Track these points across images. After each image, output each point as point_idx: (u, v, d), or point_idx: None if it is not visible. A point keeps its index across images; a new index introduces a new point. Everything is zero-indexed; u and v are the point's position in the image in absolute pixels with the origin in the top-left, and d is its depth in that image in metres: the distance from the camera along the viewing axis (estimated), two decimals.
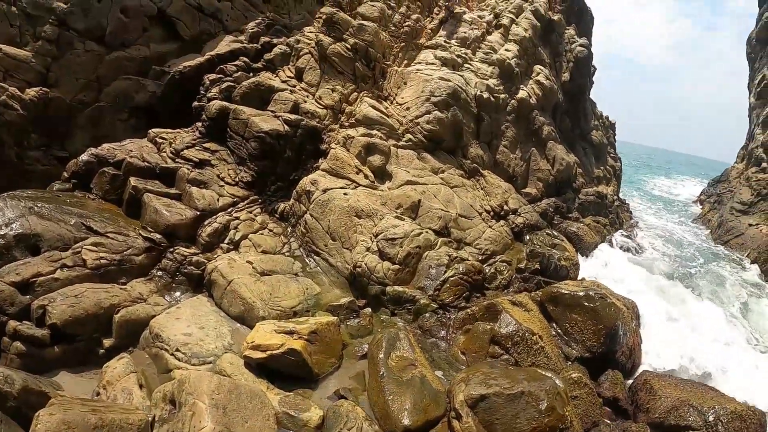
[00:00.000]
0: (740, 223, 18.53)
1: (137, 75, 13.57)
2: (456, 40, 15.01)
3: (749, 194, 19.49)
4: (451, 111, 12.55)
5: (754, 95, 24.50)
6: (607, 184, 19.23)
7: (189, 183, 10.49)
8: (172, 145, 11.44)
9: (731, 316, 11.34)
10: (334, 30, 13.11)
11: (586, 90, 19.78)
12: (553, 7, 18.58)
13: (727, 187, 24.44)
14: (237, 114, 11.46)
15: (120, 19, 13.34)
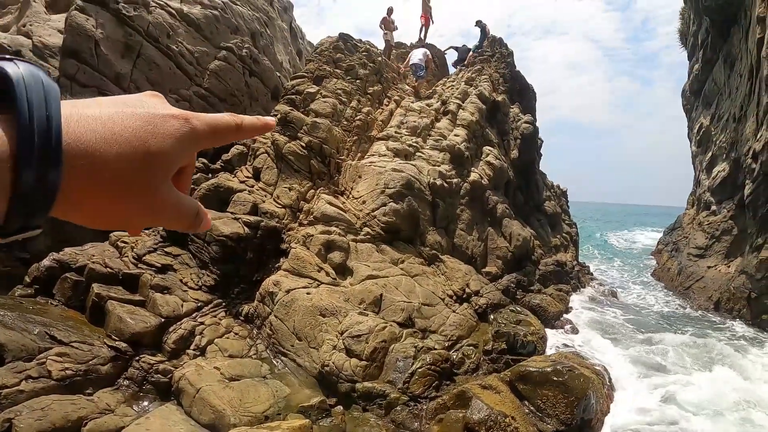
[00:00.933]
0: (699, 267, 18.98)
1: None
2: (406, 130, 15.54)
3: (704, 238, 20.04)
4: (407, 201, 12.89)
5: (695, 143, 25.54)
6: (565, 251, 19.66)
7: (152, 289, 10.48)
8: (134, 249, 11.47)
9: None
10: (289, 129, 13.49)
11: (535, 163, 20.46)
12: (497, 88, 19.41)
13: (682, 234, 25.02)
14: None
15: None
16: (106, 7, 14.72)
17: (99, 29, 14.32)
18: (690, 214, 25.33)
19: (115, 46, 14.70)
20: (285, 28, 26.28)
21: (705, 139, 23.31)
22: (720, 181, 19.99)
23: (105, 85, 14.20)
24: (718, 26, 19.88)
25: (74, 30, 13.90)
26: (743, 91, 16.74)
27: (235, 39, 18.42)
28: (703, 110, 23.94)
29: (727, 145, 19.45)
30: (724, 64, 19.81)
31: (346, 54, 16.87)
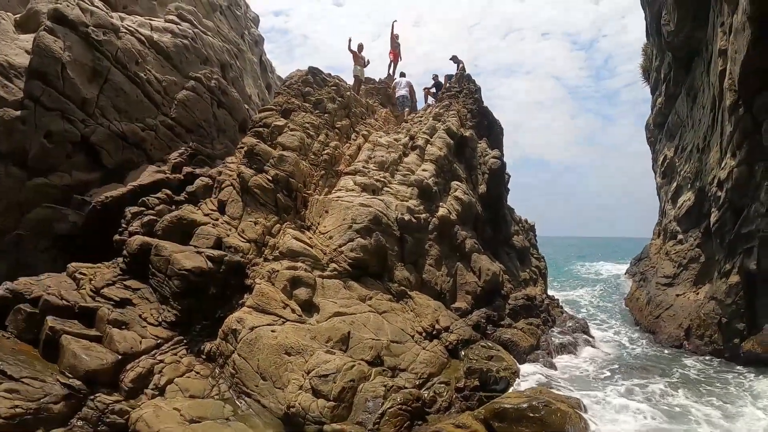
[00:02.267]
0: (668, 295, 19.09)
1: (59, 203, 13.37)
2: (374, 165, 15.51)
3: (671, 267, 20.23)
4: (374, 236, 12.77)
5: (659, 175, 26.00)
6: (534, 285, 19.69)
7: (110, 324, 10.10)
8: (92, 281, 11.08)
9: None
10: (255, 161, 13.34)
11: (503, 198, 20.56)
12: (465, 123, 19.55)
13: (649, 264, 25.30)
14: (159, 250, 11.29)
15: (43, 144, 13.23)
16: (76, 30, 14.50)
17: (67, 52, 14.06)
18: (656, 244, 25.63)
19: (82, 70, 14.43)
20: (255, 62, 26.27)
21: (669, 170, 23.73)
22: (686, 210, 20.27)
23: (70, 109, 13.91)
24: (681, 61, 20.37)
25: (42, 51, 13.63)
26: (706, 123, 17.10)
27: (205, 69, 18.28)
28: (666, 142, 24.43)
29: (692, 175, 19.78)
30: (687, 96, 20.25)
31: (315, 88, 16.87)
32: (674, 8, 18.74)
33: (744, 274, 13.78)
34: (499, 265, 16.65)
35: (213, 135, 17.55)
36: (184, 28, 18.80)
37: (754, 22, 11.73)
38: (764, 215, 12.92)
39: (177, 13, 19.46)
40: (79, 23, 14.63)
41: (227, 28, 23.90)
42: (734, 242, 14.28)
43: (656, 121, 26.38)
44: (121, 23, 16.42)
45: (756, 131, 13.10)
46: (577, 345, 15.49)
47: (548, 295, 20.88)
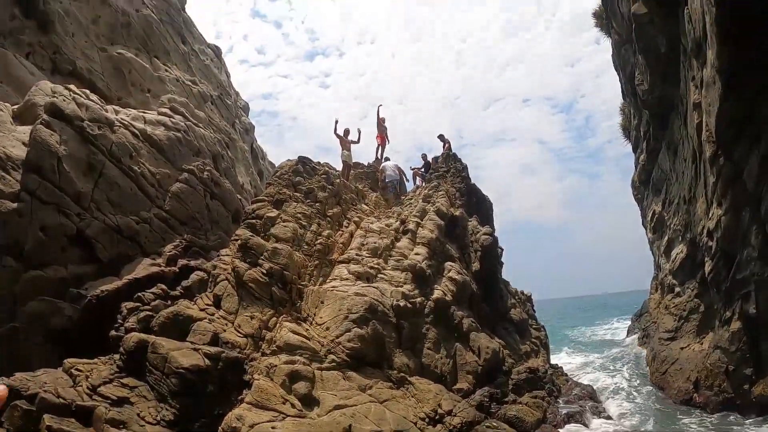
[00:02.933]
0: (672, 350, 18.97)
1: (54, 296, 13.35)
2: (367, 251, 15.70)
3: (672, 321, 20.18)
4: (371, 325, 12.81)
5: (650, 230, 26.28)
6: (536, 356, 19.54)
7: (107, 423, 9.96)
8: (88, 378, 10.98)
9: None
10: (249, 255, 13.49)
11: (497, 273, 20.69)
12: (454, 203, 19.90)
13: (650, 320, 25.24)
14: (156, 348, 11.27)
15: (39, 237, 13.34)
16: (71, 124, 14.88)
17: (63, 146, 14.38)
18: (655, 298, 25.62)
19: (77, 164, 14.73)
20: (246, 150, 26.83)
21: (659, 224, 23.99)
22: (680, 262, 20.40)
23: (65, 203, 14.13)
24: (658, 117, 20.85)
25: (38, 144, 13.94)
26: (689, 174, 17.37)
27: (197, 161, 18.66)
28: (653, 197, 24.77)
29: (682, 227, 19.99)
30: (668, 151, 20.62)
31: (305, 177, 17.21)
32: (646, 68, 19.45)
33: (745, 319, 13.71)
34: (499, 341, 16.62)
35: (207, 226, 17.75)
36: (176, 121, 19.31)
37: (723, 74, 12.09)
38: (757, 259, 12.97)
39: (170, 106, 20.03)
40: (74, 117, 15.06)
41: (218, 117, 24.56)
42: (731, 289, 14.29)
43: (641, 178, 26.85)
44: (115, 117, 16.89)
45: (738, 178, 13.32)
46: (585, 413, 15.16)
47: (551, 365, 20.69)
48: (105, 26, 21.71)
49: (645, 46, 18.84)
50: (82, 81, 19.22)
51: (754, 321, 13.52)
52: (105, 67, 20.86)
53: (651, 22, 17.79)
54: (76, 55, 19.70)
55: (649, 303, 27.40)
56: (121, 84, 21.14)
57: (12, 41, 17.88)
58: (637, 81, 20.95)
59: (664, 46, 17.54)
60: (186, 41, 27.13)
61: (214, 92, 26.10)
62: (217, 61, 30.16)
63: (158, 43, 24.10)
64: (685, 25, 14.85)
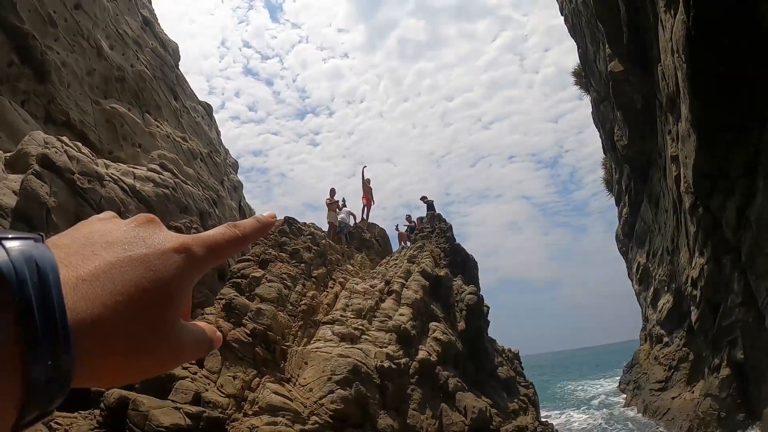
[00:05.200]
0: (663, 400, 18.97)
1: None
2: (351, 312, 15.74)
3: (662, 371, 20.22)
4: (354, 387, 12.76)
5: (636, 282, 26.54)
6: (525, 414, 19.31)
7: None
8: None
9: None
10: (233, 315, 13.49)
11: (483, 331, 20.70)
12: (439, 263, 20.05)
13: (641, 371, 25.21)
14: (137, 405, 11.12)
15: None
16: (62, 177, 14.93)
17: (52, 197, 14.37)
18: (645, 349, 25.69)
19: (66, 216, 14.66)
20: (234, 207, 26.97)
21: (645, 276, 24.24)
22: (666, 313, 20.62)
23: None
24: (638, 171, 21.42)
25: (28, 195, 13.96)
26: (671, 225, 17.73)
27: (185, 219, 18.73)
28: (638, 250, 25.11)
29: (666, 277, 20.24)
30: (649, 203, 21.07)
31: (291, 237, 17.34)
32: (624, 124, 20.04)
33: (733, 365, 13.89)
34: (486, 400, 16.50)
35: None
36: (165, 178, 19.45)
37: (697, 128, 12.47)
38: (740, 305, 13.16)
39: (159, 162, 20.21)
40: (65, 170, 15.13)
41: (207, 174, 24.77)
42: (718, 336, 14.46)
43: (624, 231, 27.28)
44: (105, 171, 17.00)
45: (717, 228, 13.63)
46: None
47: (541, 422, 20.44)
48: (100, 79, 22.11)
49: (622, 102, 19.46)
50: (74, 132, 19.45)
51: (742, 366, 13.73)
52: (98, 119, 21.16)
53: (627, 80, 18.43)
54: (70, 106, 20.00)
55: (638, 354, 27.53)
56: (112, 137, 21.39)
57: (8, 88, 18.14)
58: (616, 137, 21.55)
59: (640, 102, 18.14)
60: (178, 97, 27.60)
61: (203, 149, 26.40)
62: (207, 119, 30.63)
63: (150, 99, 24.51)
64: (659, 81, 15.37)
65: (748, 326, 13.11)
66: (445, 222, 22.51)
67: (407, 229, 23.62)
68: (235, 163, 30.81)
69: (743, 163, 12.47)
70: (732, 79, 11.57)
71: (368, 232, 23.50)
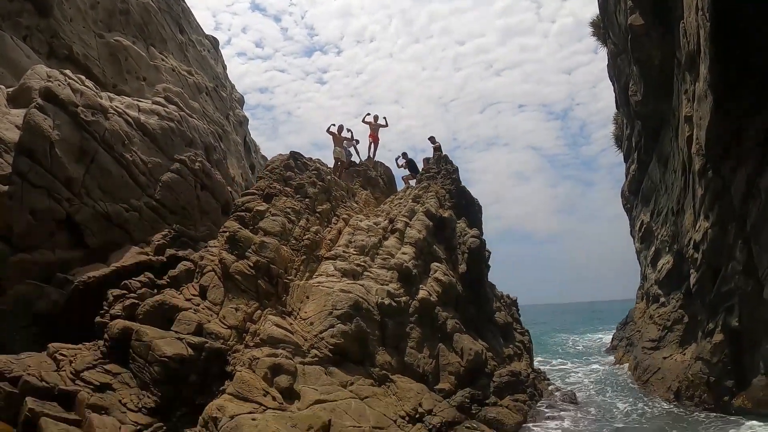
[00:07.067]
0: (654, 359, 19.23)
1: (40, 280, 13.33)
2: (354, 249, 15.82)
3: (656, 330, 20.44)
4: (355, 322, 12.92)
5: (638, 240, 26.54)
6: (519, 360, 19.62)
7: (89, 408, 10.03)
8: (72, 363, 11.07)
9: None
10: (237, 247, 13.56)
11: (484, 276, 20.78)
12: (443, 204, 19.96)
13: (635, 328, 25.47)
14: (140, 336, 11.34)
15: (29, 220, 13.32)
16: (65, 110, 14.82)
17: (56, 130, 14.31)
18: (640, 307, 25.85)
19: (70, 149, 14.67)
20: (239, 142, 26.85)
21: (647, 234, 24.20)
22: (666, 273, 20.65)
23: (56, 187, 14.08)
24: (650, 129, 21.16)
25: (31, 128, 13.89)
26: (678, 186, 17.60)
27: (189, 152, 18.63)
28: (642, 208, 25.01)
29: (669, 238, 20.20)
30: (658, 162, 20.87)
31: (296, 172, 17.28)
32: (640, 79, 19.64)
33: (727, 331, 13.89)
34: (482, 343, 16.70)
35: (196, 217, 17.76)
36: (170, 111, 19.29)
37: (715, 89, 12.22)
38: (741, 273, 13.13)
39: (164, 95, 20.01)
40: (69, 103, 15.00)
41: (213, 109, 24.57)
42: (715, 302, 14.49)
43: (631, 188, 27.11)
44: (109, 104, 16.87)
45: (726, 193, 13.55)
46: (566, 417, 15.27)
47: (534, 369, 20.81)
48: (103, 12, 21.74)
49: (640, 57, 19.05)
50: (78, 66, 19.22)
51: (736, 334, 13.72)
52: (101, 53, 20.88)
53: (647, 35, 17.98)
54: (73, 40, 19.72)
55: (634, 312, 27.66)
56: (116, 71, 21.16)
57: (10, 23, 17.87)
58: (630, 92, 21.16)
59: (659, 58, 17.74)
60: (183, 31, 27.17)
61: (209, 83, 26.13)
62: (213, 53, 30.22)
63: (155, 32, 24.13)
64: (680, 38, 15.04)
65: (747, 295, 13.10)
66: (451, 164, 22.32)
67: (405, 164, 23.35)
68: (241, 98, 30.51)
69: (759, 131, 12.33)
70: (755, 42, 11.33)
71: (374, 170, 23.41)
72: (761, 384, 12.95)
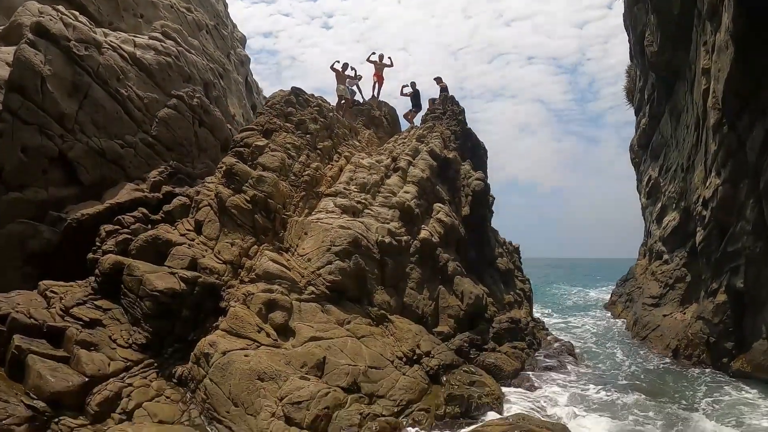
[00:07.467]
0: (654, 316, 19.13)
1: (33, 219, 13.06)
2: (355, 186, 15.38)
3: (657, 287, 20.29)
4: (353, 259, 12.56)
5: (644, 195, 26.17)
6: (519, 308, 19.42)
7: (78, 345, 9.78)
8: (62, 300, 10.77)
9: None
10: (234, 181, 13.13)
11: (486, 220, 20.42)
12: (448, 145, 19.47)
13: (635, 285, 25.32)
14: (131, 270, 11.02)
15: (20, 158, 12.99)
16: (57, 44, 14.35)
17: (47, 66, 13.90)
18: (642, 264, 25.64)
19: (62, 84, 14.25)
20: (240, 82, 26.17)
21: (654, 190, 23.84)
22: (671, 230, 20.37)
23: (48, 124, 13.71)
24: (664, 81, 20.60)
25: (22, 64, 13.49)
26: (690, 142, 17.19)
27: (187, 88, 18.09)
28: (651, 163, 24.55)
29: (676, 195, 19.86)
30: (671, 117, 20.37)
31: (297, 108, 16.71)
32: (657, 29, 18.96)
33: (731, 292, 13.70)
34: (483, 288, 16.43)
35: (194, 154, 17.32)
36: (167, 46, 18.68)
37: (737, 40, 11.81)
38: (750, 233, 12.86)
39: (161, 31, 19.35)
40: (61, 37, 14.48)
41: (213, 47, 23.82)
42: (720, 261, 14.24)
43: (640, 142, 26.56)
44: (104, 39, 16.31)
45: (740, 149, 13.13)
46: (563, 367, 15.18)
47: (533, 318, 20.61)
48: None
49: (659, 6, 18.44)
50: (71, 4, 18.45)
51: (740, 295, 13.49)
52: None
53: None
54: None
55: (635, 269, 27.43)
56: (112, 8, 20.33)
57: None
58: (647, 42, 20.49)
59: (678, 7, 17.08)
60: None
61: (209, 21, 25.24)
62: None
63: None
64: None
65: (754, 256, 12.82)
66: (457, 105, 21.68)
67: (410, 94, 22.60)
68: (243, 37, 29.62)
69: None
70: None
71: (378, 110, 22.78)
72: (763, 348, 12.72)
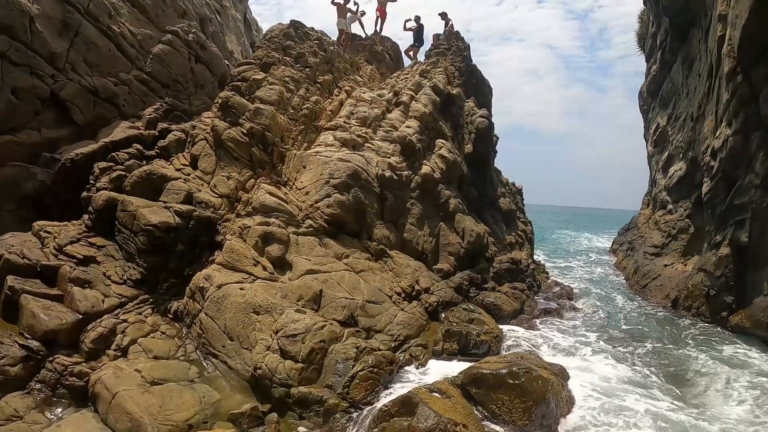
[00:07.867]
0: (655, 265, 19.01)
1: (27, 161, 12.75)
2: (356, 120, 14.95)
3: (660, 237, 20.11)
4: (352, 193, 12.25)
5: (651, 143, 25.79)
6: (520, 249, 19.22)
7: (71, 282, 9.63)
8: (56, 239, 10.56)
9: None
10: (230, 114, 12.75)
11: (490, 159, 20.03)
12: (452, 81, 18.92)
13: (637, 233, 25.24)
14: (125, 206, 10.75)
15: (11, 100, 12.57)
16: None
17: (35, 5, 13.37)
18: (645, 213, 25.47)
19: (51, 23, 13.74)
20: (239, 18, 25.48)
21: (662, 139, 23.44)
22: (677, 180, 20.08)
23: (38, 64, 13.27)
24: (677, 27, 20.06)
25: (8, 4, 12.95)
26: (702, 91, 16.78)
27: (182, 23, 17.51)
28: (660, 111, 24.11)
29: (684, 144, 19.52)
30: (683, 64, 19.92)
31: (296, 41, 16.18)
32: None
33: (734, 246, 13.54)
34: (484, 227, 16.18)
35: (190, 90, 16.86)
36: None
37: None
38: (758, 186, 12.61)
39: None
40: None
41: None
42: (726, 214, 14.02)
43: (650, 89, 26.05)
44: None
45: (753, 100, 12.77)
46: (562, 310, 15.15)
47: (534, 260, 20.45)
48: None
49: None
50: None
51: (744, 249, 13.30)
52: None
53: None
54: None
55: (638, 218, 27.34)
56: None
57: None
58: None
59: None
60: None
61: None
62: None
63: None
64: None
65: (761, 211, 12.57)
66: (462, 41, 20.93)
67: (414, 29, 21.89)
68: None
69: None
70: None
71: (380, 45, 22.13)
72: (763, 305, 12.53)
